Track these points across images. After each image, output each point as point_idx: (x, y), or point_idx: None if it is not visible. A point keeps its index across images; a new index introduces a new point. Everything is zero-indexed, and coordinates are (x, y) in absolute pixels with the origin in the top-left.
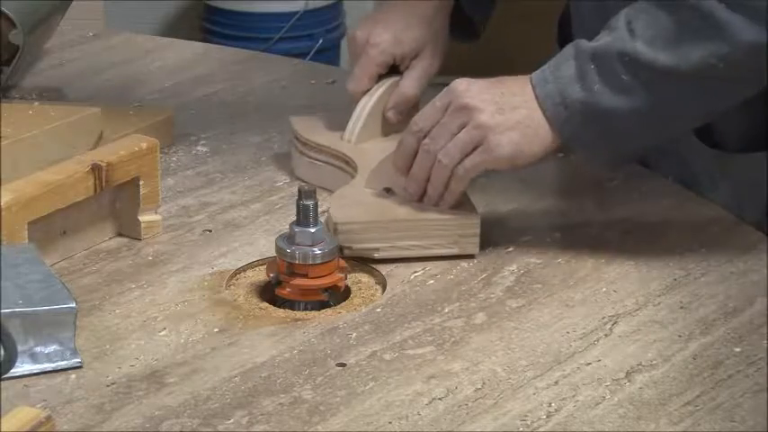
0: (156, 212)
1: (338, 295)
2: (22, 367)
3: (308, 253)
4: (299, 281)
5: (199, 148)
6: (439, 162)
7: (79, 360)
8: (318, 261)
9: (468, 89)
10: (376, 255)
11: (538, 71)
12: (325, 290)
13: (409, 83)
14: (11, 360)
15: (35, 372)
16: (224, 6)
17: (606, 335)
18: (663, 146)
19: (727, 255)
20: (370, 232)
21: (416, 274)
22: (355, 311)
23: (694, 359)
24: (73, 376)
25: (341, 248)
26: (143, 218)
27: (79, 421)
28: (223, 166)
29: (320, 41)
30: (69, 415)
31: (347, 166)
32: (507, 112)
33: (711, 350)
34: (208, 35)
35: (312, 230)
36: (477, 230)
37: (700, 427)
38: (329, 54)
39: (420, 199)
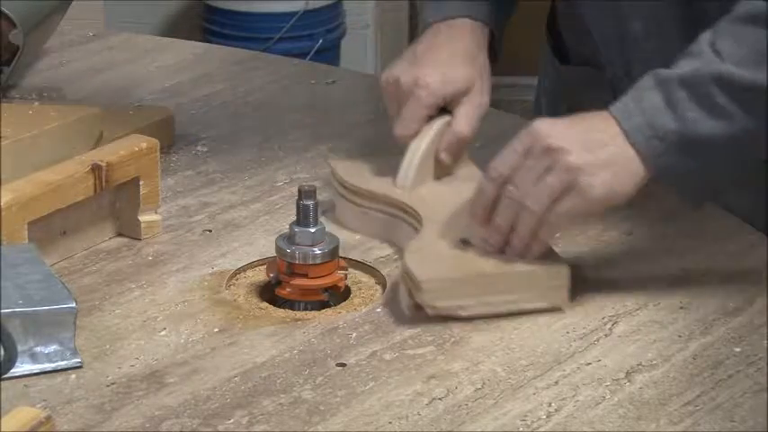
0: (156, 212)
1: (338, 295)
2: (22, 367)
3: (308, 253)
4: (299, 281)
5: (199, 148)
6: (527, 209)
7: (79, 360)
8: (318, 261)
9: (550, 130)
10: (462, 313)
11: (617, 104)
12: (326, 290)
13: (462, 122)
14: (11, 360)
15: (35, 372)
16: (224, 6)
17: (606, 335)
18: None
19: (727, 255)
20: (456, 289)
21: None
22: (355, 311)
23: (694, 359)
24: (73, 376)
25: (420, 307)
26: (143, 218)
27: (79, 421)
28: (223, 166)
29: (320, 41)
30: (69, 415)
31: (404, 214)
32: (596, 150)
33: (711, 350)
34: (208, 35)
35: (312, 230)
36: (567, 281)
37: (700, 427)
38: (329, 54)
39: (502, 250)
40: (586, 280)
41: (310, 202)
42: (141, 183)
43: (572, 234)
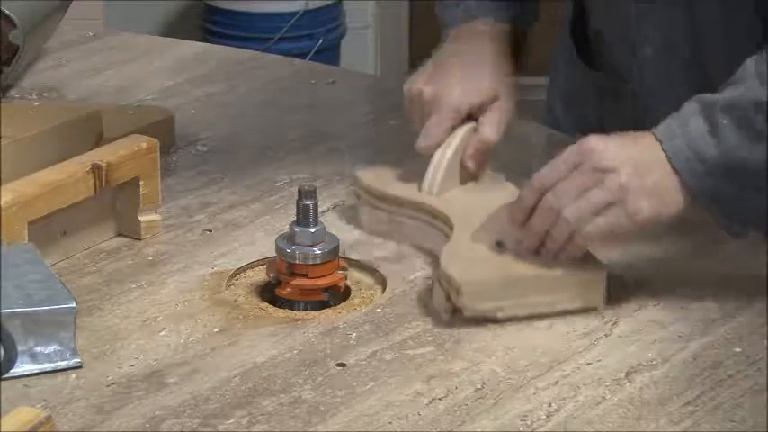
0: (156, 212)
1: (338, 295)
2: (22, 367)
3: (308, 253)
4: (299, 281)
5: (199, 148)
6: (564, 219)
7: (79, 360)
8: (318, 261)
9: (605, 149)
10: (500, 314)
11: (663, 125)
12: (326, 290)
13: (488, 129)
14: (11, 360)
15: (35, 372)
16: (224, 6)
17: (606, 335)
18: None
19: (727, 255)
20: (495, 291)
21: (417, 275)
22: (355, 311)
23: (694, 359)
24: (73, 376)
25: (458, 310)
26: (143, 218)
27: (79, 421)
28: (223, 166)
29: (320, 41)
30: (69, 415)
31: (433, 218)
32: (645, 174)
33: (711, 350)
34: (208, 35)
35: (312, 230)
36: (604, 284)
37: (700, 427)
38: (329, 54)
39: (536, 252)
40: None
41: (310, 202)
42: (141, 183)
43: None
